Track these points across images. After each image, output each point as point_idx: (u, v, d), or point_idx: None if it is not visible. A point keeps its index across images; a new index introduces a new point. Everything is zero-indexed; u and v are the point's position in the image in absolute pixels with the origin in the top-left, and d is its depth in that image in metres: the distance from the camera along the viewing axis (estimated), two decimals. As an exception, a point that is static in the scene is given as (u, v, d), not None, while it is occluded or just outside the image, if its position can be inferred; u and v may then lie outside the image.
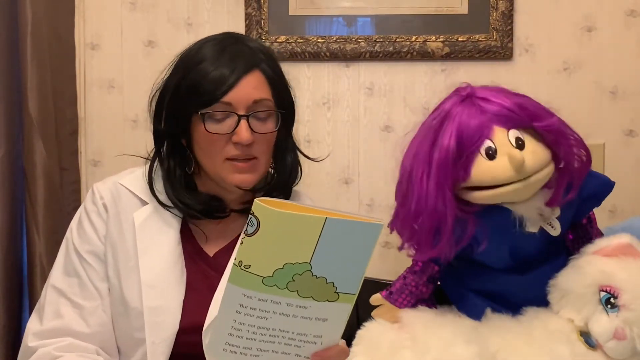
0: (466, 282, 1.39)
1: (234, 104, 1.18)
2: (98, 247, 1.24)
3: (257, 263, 0.90)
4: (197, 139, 1.21)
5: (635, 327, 1.24)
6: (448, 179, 1.26)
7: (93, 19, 1.88)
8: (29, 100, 1.72)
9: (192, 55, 1.22)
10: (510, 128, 1.27)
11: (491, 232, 1.29)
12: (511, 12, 1.81)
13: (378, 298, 1.43)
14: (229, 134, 1.18)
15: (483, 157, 1.26)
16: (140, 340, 1.19)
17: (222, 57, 1.19)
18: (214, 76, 1.17)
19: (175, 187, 1.25)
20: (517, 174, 1.24)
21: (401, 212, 1.33)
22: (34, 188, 1.73)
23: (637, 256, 1.28)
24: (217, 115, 1.18)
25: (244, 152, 1.19)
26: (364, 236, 0.91)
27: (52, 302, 1.22)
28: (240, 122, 1.18)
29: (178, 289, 1.21)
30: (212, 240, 1.27)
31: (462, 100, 1.30)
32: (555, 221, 1.31)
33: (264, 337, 0.95)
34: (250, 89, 1.19)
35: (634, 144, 1.81)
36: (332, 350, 0.99)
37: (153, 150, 1.28)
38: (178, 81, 1.21)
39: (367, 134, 1.87)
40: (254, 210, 0.87)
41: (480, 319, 1.35)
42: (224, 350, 0.96)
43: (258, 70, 1.21)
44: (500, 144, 1.26)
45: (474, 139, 1.25)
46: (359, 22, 1.85)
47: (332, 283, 0.92)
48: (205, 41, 1.24)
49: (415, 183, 1.28)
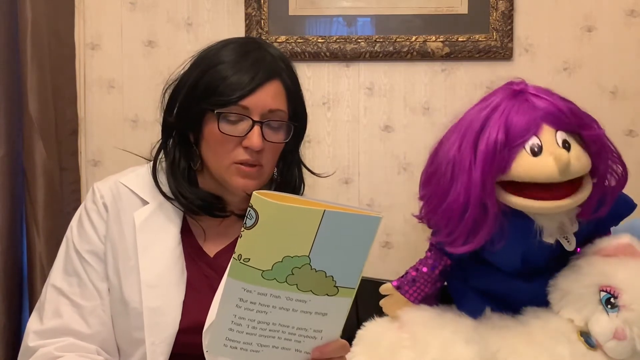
0: (470, 280, 1.39)
1: (250, 109, 1.18)
2: (98, 246, 1.24)
3: (256, 256, 0.90)
4: (207, 137, 1.22)
5: (635, 327, 1.23)
6: (493, 171, 1.23)
7: (93, 19, 1.89)
8: (29, 100, 1.72)
9: (213, 55, 1.23)
10: (558, 129, 1.25)
11: (510, 235, 1.28)
12: (511, 12, 1.81)
13: (388, 288, 1.42)
14: (240, 137, 1.19)
15: (527, 152, 1.23)
16: (139, 340, 1.19)
17: (245, 60, 1.20)
18: (236, 78, 1.18)
19: (178, 180, 1.25)
20: (560, 175, 1.21)
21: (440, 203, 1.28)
22: (34, 188, 1.73)
23: (637, 256, 1.28)
24: (232, 117, 1.19)
25: (253, 157, 1.20)
26: (362, 229, 0.91)
27: (52, 301, 1.22)
28: (253, 127, 1.18)
29: (178, 289, 1.21)
30: (213, 241, 1.27)
31: (514, 95, 1.27)
32: (571, 236, 1.29)
33: (264, 331, 0.95)
34: (268, 98, 1.20)
35: (634, 144, 1.81)
36: (332, 345, 0.99)
37: (159, 142, 1.28)
38: (197, 77, 1.21)
39: (367, 134, 1.87)
40: (253, 202, 0.87)
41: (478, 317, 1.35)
42: (225, 346, 0.96)
43: (278, 80, 1.22)
44: (547, 143, 1.23)
45: (521, 133, 1.23)
46: (359, 22, 1.85)
47: (331, 277, 0.92)
48: (228, 42, 1.25)
49: (462, 174, 1.24)
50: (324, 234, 0.89)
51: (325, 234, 0.88)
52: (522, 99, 1.26)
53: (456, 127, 1.31)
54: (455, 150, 1.27)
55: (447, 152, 1.28)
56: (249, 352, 0.97)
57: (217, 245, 1.27)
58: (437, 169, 1.31)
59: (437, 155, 1.32)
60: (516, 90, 1.28)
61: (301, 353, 0.98)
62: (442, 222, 1.29)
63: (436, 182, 1.30)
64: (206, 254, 1.26)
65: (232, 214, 1.27)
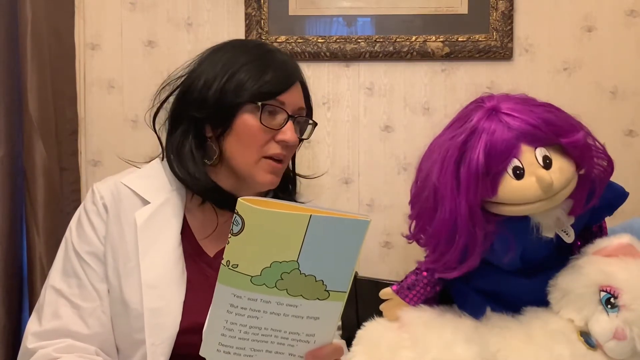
0: (470, 280, 1.39)
1: (287, 104, 1.25)
2: (97, 247, 1.24)
3: (244, 262, 0.90)
4: (240, 130, 1.24)
5: (635, 327, 1.23)
6: (477, 196, 1.24)
7: (93, 19, 1.88)
8: (29, 100, 1.71)
9: (236, 53, 1.27)
10: (537, 146, 1.25)
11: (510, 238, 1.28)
12: (511, 12, 1.81)
13: (388, 292, 1.42)
14: (275, 130, 1.24)
15: (511, 176, 1.24)
16: (140, 341, 1.19)
17: (273, 59, 1.27)
18: (273, 75, 1.25)
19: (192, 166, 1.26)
20: (545, 194, 1.22)
21: (427, 229, 1.30)
22: (34, 188, 1.73)
23: (637, 256, 1.28)
24: (273, 109, 1.24)
25: (285, 152, 1.26)
26: (351, 233, 0.91)
27: (51, 302, 1.22)
28: (288, 121, 1.25)
29: (178, 290, 1.21)
30: (212, 241, 1.27)
31: (488, 116, 1.26)
32: (569, 228, 1.30)
33: (257, 336, 0.95)
34: (299, 96, 1.29)
35: (634, 144, 1.81)
36: (325, 348, 0.99)
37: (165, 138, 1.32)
38: (229, 73, 1.25)
39: (367, 134, 1.87)
40: (238, 209, 0.87)
41: (480, 318, 1.35)
42: (218, 351, 0.96)
43: (299, 81, 1.31)
44: (528, 164, 1.23)
45: (502, 157, 1.23)
46: (359, 22, 1.85)
47: (321, 281, 0.92)
48: (243, 42, 1.39)
49: (445, 202, 1.25)
50: (312, 239, 0.88)
51: (313, 238, 0.88)
52: (496, 120, 1.25)
53: (434, 148, 1.30)
54: (436, 176, 1.26)
55: (428, 176, 1.28)
56: (243, 356, 0.97)
57: (216, 245, 1.27)
58: (421, 191, 1.31)
59: (420, 171, 1.33)
60: (489, 109, 1.27)
61: (295, 357, 0.98)
62: (431, 244, 1.31)
63: (422, 203, 1.31)
64: (206, 253, 1.26)
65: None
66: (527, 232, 1.28)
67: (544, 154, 1.25)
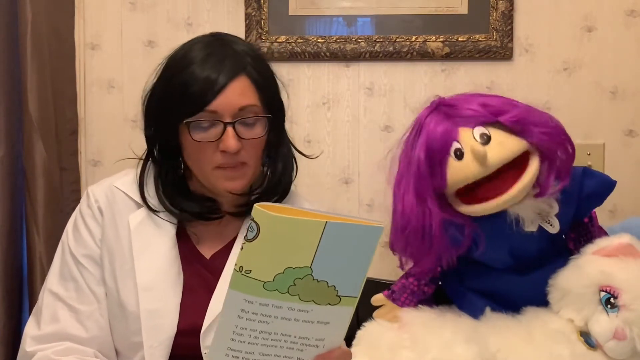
0: (466, 281, 1.40)
1: (219, 112, 1.16)
2: (94, 250, 1.23)
3: (257, 268, 0.89)
4: (185, 147, 1.21)
5: (635, 327, 1.24)
6: (428, 189, 1.29)
7: (93, 19, 1.88)
8: (29, 100, 1.71)
9: (178, 60, 1.21)
10: (475, 126, 1.29)
11: (489, 234, 1.30)
12: (511, 12, 1.81)
13: (380, 298, 1.43)
14: (215, 142, 1.17)
15: (453, 159, 1.28)
16: (138, 343, 1.18)
17: (207, 62, 1.17)
18: (198, 85, 1.15)
19: (167, 191, 1.24)
20: (483, 167, 1.26)
21: (392, 231, 1.35)
22: (34, 188, 1.73)
23: (637, 256, 1.28)
24: (202, 123, 1.16)
25: (232, 159, 1.18)
26: (364, 239, 0.91)
27: (49, 306, 1.22)
28: (226, 129, 1.16)
29: (175, 292, 1.21)
30: (209, 243, 1.27)
31: (431, 111, 1.33)
32: (553, 219, 1.31)
33: (266, 341, 0.95)
34: (236, 96, 1.17)
35: (634, 144, 1.81)
36: (334, 352, 0.99)
37: (145, 152, 1.28)
38: (163, 88, 1.21)
39: (367, 134, 1.87)
40: (254, 215, 0.87)
41: (480, 318, 1.35)
42: (226, 356, 0.96)
43: (244, 75, 1.18)
44: (466, 144, 1.28)
45: (442, 144, 1.29)
46: (359, 22, 1.85)
47: (333, 287, 0.92)
48: (193, 43, 1.22)
49: (398, 199, 1.32)
50: (326, 245, 0.88)
51: (327, 244, 0.88)
52: (437, 112, 1.32)
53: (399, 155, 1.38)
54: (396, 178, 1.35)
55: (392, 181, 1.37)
56: None
57: (213, 247, 1.27)
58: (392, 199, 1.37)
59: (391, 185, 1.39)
60: (433, 104, 1.34)
61: None
62: (399, 248, 1.37)
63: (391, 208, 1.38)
64: (202, 255, 1.26)
65: (226, 214, 1.27)
66: (505, 227, 1.29)
67: (482, 132, 1.29)
